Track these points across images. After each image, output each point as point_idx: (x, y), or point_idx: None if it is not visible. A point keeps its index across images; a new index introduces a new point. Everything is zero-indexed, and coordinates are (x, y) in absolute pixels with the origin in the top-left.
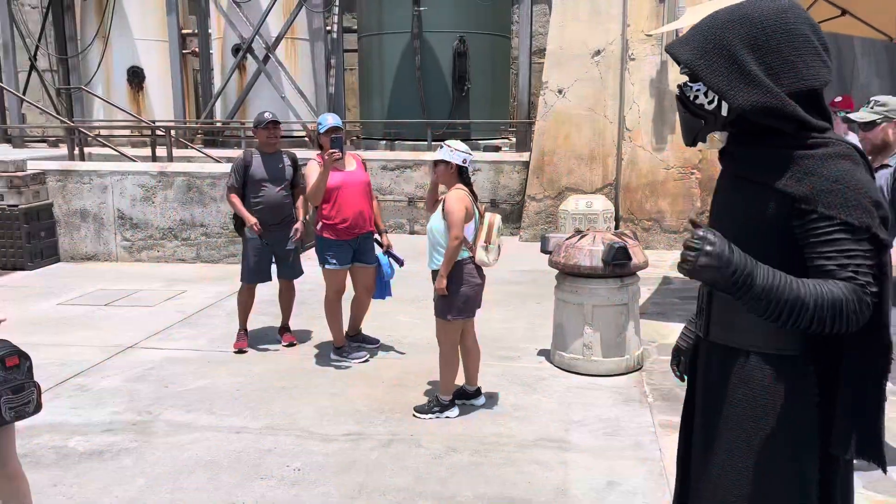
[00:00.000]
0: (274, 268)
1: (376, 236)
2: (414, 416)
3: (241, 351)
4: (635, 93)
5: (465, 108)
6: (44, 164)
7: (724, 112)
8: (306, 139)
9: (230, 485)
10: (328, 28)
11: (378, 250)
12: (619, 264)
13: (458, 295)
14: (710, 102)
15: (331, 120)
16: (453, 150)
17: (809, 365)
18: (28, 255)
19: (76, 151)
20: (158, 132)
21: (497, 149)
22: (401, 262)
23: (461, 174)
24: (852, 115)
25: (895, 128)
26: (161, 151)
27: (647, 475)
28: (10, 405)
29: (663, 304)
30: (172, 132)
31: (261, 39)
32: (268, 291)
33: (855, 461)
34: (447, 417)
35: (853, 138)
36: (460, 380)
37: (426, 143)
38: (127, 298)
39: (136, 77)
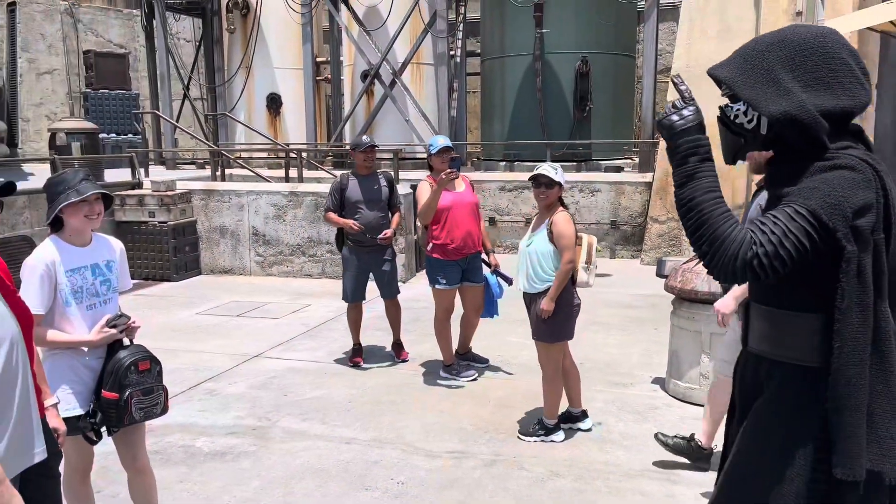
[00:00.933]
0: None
1: (483, 256)
2: (518, 438)
3: (356, 365)
4: None
5: (587, 128)
6: (190, 184)
7: (763, 130)
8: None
9: (337, 493)
10: (452, 52)
11: (486, 270)
12: None
13: (561, 317)
14: (750, 122)
15: (441, 141)
16: (563, 173)
17: (828, 378)
18: (174, 268)
19: (219, 173)
20: (291, 154)
21: (619, 169)
22: (509, 281)
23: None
24: None
25: None
26: (294, 173)
27: None
28: (139, 406)
29: None
30: (304, 154)
31: (388, 65)
32: (383, 308)
33: None
34: (552, 441)
35: None
36: (564, 403)
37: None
38: (257, 310)
39: (274, 103)
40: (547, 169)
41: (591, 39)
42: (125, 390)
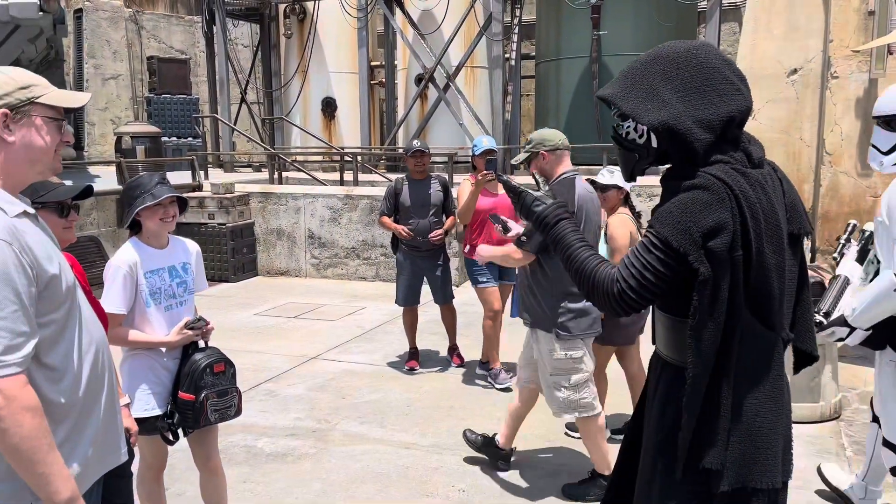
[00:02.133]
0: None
1: None
2: (566, 434)
3: (411, 369)
4: (837, 114)
5: None
6: (248, 186)
7: (655, 144)
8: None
9: (397, 499)
10: (507, 55)
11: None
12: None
13: (609, 321)
14: (641, 137)
15: (486, 142)
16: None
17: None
18: (232, 269)
19: (275, 176)
20: (346, 158)
21: None
22: None
23: (626, 199)
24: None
25: (548, 156)
26: (348, 176)
27: None
28: (214, 408)
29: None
30: (359, 158)
31: (442, 69)
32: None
33: None
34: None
35: None
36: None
37: (601, 167)
38: (313, 312)
39: (328, 107)
40: (603, 174)
41: (651, 41)
42: (201, 392)
